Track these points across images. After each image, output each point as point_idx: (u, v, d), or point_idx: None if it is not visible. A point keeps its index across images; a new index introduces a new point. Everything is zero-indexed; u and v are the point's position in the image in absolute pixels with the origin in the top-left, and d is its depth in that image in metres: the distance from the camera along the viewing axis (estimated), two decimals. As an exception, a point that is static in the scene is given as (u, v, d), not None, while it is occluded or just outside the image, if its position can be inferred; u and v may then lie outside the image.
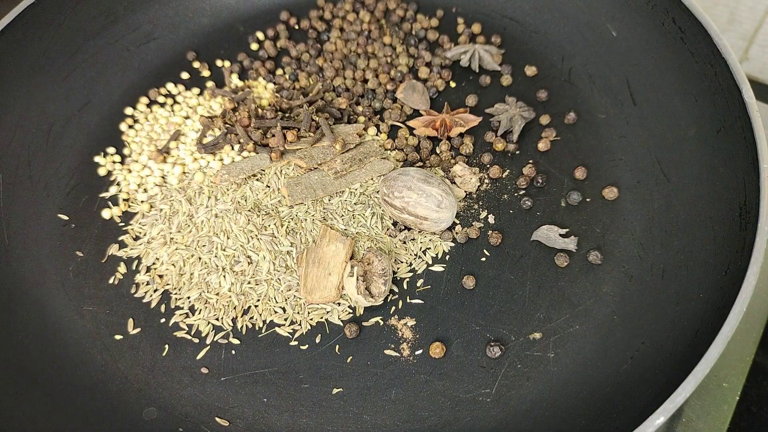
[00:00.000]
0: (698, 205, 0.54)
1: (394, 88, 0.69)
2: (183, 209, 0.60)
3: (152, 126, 0.68)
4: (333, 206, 0.60)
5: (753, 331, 0.57)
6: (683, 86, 0.59)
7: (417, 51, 0.72)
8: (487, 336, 0.54)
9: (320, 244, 0.56)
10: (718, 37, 0.55)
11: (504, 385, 0.51)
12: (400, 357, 0.53)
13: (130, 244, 0.61)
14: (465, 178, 0.61)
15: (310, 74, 0.71)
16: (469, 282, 0.56)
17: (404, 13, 0.75)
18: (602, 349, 0.51)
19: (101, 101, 0.70)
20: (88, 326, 0.56)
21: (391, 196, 0.56)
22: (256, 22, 0.77)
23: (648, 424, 0.40)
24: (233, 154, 0.63)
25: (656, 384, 0.45)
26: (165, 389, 0.53)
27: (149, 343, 0.55)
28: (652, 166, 0.59)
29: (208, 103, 0.69)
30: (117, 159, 0.66)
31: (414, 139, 0.65)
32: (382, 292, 0.53)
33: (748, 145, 0.50)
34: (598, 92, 0.66)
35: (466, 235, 0.58)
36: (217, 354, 0.54)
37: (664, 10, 0.60)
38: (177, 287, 0.57)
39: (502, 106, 0.65)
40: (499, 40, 0.71)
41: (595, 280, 0.55)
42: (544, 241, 0.57)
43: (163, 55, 0.75)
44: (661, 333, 0.49)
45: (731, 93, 0.53)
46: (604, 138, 0.63)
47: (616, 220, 0.58)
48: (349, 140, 0.62)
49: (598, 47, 0.67)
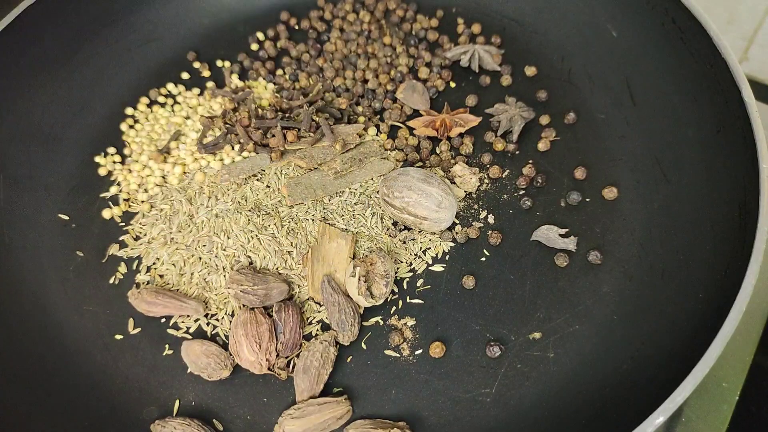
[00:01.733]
0: (698, 205, 0.54)
1: (394, 88, 0.69)
2: (183, 209, 0.61)
3: (153, 126, 0.68)
4: (333, 206, 0.60)
5: (752, 331, 0.57)
6: (683, 86, 0.59)
7: (417, 51, 0.72)
8: (487, 336, 0.54)
9: (321, 242, 0.56)
10: (718, 37, 0.55)
11: (504, 385, 0.51)
12: (400, 357, 0.53)
13: (130, 244, 0.61)
14: (465, 178, 0.61)
15: (310, 74, 0.71)
16: (469, 282, 0.56)
17: (404, 13, 0.75)
18: (602, 349, 0.51)
19: (101, 101, 0.70)
20: (88, 326, 0.57)
21: (391, 196, 0.56)
22: (257, 22, 0.77)
23: (648, 424, 0.40)
24: (233, 154, 0.63)
25: (656, 384, 0.45)
26: (165, 389, 0.53)
27: (149, 342, 0.55)
28: (651, 166, 0.59)
29: (208, 103, 0.69)
30: (117, 159, 0.66)
31: (414, 139, 0.65)
32: (383, 293, 0.53)
33: (748, 145, 0.50)
34: (598, 92, 0.66)
35: (466, 235, 0.58)
36: (217, 354, 0.55)
37: (664, 10, 0.60)
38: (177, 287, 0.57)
39: (502, 106, 0.65)
40: (499, 41, 0.72)
41: (595, 280, 0.55)
42: (544, 241, 0.57)
43: (164, 56, 0.75)
44: (661, 333, 0.49)
45: (731, 93, 0.53)
46: (604, 138, 0.63)
47: (615, 220, 0.58)
48: (349, 140, 0.62)
49: (598, 47, 0.67)
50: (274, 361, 0.51)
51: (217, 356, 0.52)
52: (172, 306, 0.55)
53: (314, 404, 0.49)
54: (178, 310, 0.55)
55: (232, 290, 0.53)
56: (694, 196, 0.55)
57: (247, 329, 0.51)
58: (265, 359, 0.50)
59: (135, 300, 0.55)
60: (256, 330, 0.51)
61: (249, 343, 0.50)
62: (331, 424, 0.49)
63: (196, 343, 0.53)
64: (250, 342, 0.50)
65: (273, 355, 0.51)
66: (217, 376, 0.52)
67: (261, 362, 0.50)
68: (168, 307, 0.55)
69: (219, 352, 0.52)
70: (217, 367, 0.51)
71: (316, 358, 0.51)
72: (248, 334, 0.51)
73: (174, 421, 0.50)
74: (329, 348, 0.52)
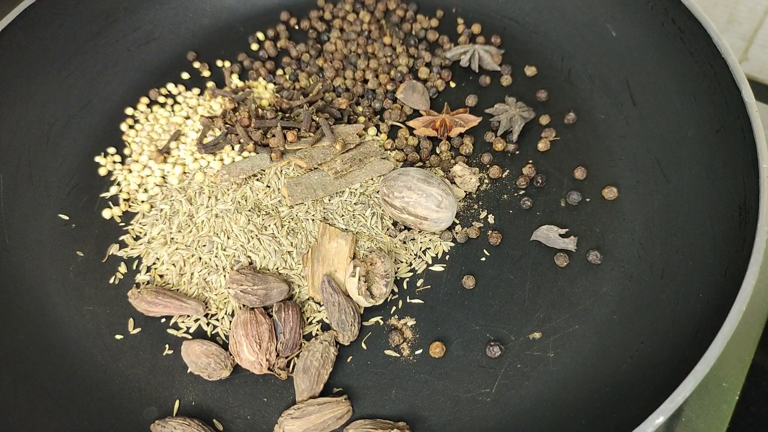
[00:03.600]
0: (698, 205, 0.54)
1: (394, 88, 0.69)
2: (183, 209, 0.61)
3: (153, 126, 0.68)
4: (333, 206, 0.60)
5: (753, 331, 0.57)
6: (683, 86, 0.59)
7: (417, 51, 0.72)
8: (487, 336, 0.54)
9: (321, 242, 0.56)
10: (718, 38, 0.55)
11: (504, 385, 0.51)
12: (400, 357, 0.53)
13: (130, 244, 0.61)
14: (465, 178, 0.61)
15: (310, 74, 0.71)
16: (469, 282, 0.56)
17: (404, 13, 0.75)
18: (602, 348, 0.51)
19: (101, 101, 0.70)
20: (88, 326, 0.57)
21: (391, 196, 0.56)
22: (257, 22, 0.77)
23: (648, 424, 0.40)
24: (233, 154, 0.63)
25: (656, 383, 0.45)
26: (165, 389, 0.53)
27: (150, 342, 0.55)
28: (651, 166, 0.59)
29: (208, 103, 0.69)
30: (117, 159, 0.66)
31: (414, 139, 0.65)
32: (383, 293, 0.53)
33: (748, 145, 0.50)
34: (598, 92, 0.66)
35: (466, 235, 0.58)
36: (217, 354, 0.55)
37: (663, 10, 0.60)
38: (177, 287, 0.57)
39: (501, 106, 0.65)
40: (499, 41, 0.72)
41: (595, 280, 0.55)
42: (543, 241, 0.57)
43: (164, 56, 0.75)
44: (660, 333, 0.49)
45: (731, 93, 0.53)
46: (603, 138, 0.63)
47: (615, 220, 0.58)
48: (349, 140, 0.62)
49: (598, 47, 0.67)
50: (274, 361, 0.51)
51: (217, 356, 0.52)
52: (172, 306, 0.55)
53: (314, 404, 0.49)
54: (178, 310, 0.55)
55: (232, 290, 0.53)
56: (694, 196, 0.55)
57: (247, 329, 0.51)
58: (265, 359, 0.50)
59: (135, 300, 0.55)
60: (256, 330, 0.51)
61: (249, 343, 0.50)
62: (331, 424, 0.49)
63: (196, 343, 0.53)
64: (250, 342, 0.50)
65: (273, 356, 0.51)
66: (217, 376, 0.52)
67: (261, 362, 0.50)
68: (168, 307, 0.55)
69: (219, 352, 0.52)
70: (217, 367, 0.51)
71: (316, 358, 0.51)
72: (248, 334, 0.51)
73: (174, 421, 0.50)
74: (329, 348, 0.52)
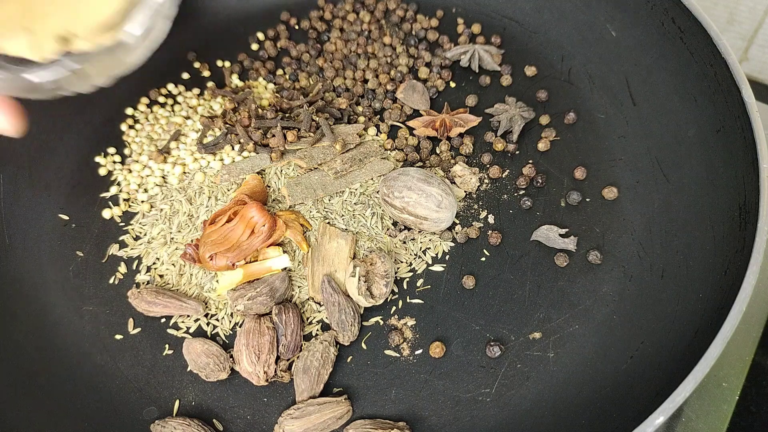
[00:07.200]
0: (698, 205, 0.54)
1: (394, 88, 0.69)
2: (183, 209, 0.61)
3: (153, 126, 0.68)
4: (333, 206, 0.60)
5: (753, 330, 0.57)
6: (683, 86, 0.59)
7: (417, 51, 0.72)
8: (487, 336, 0.54)
9: (322, 242, 0.56)
10: (718, 37, 0.55)
11: (504, 385, 0.51)
12: (400, 357, 0.53)
13: (130, 244, 0.61)
14: (465, 178, 0.61)
15: (310, 74, 0.71)
16: (469, 282, 0.56)
17: (404, 13, 0.75)
18: (602, 348, 0.51)
19: (101, 101, 0.70)
20: (88, 326, 0.57)
21: (391, 196, 0.56)
22: (257, 22, 0.77)
23: (648, 424, 0.40)
24: (233, 154, 0.63)
25: (656, 383, 0.45)
26: (165, 389, 0.53)
27: (149, 343, 0.55)
28: (651, 166, 0.59)
29: (208, 103, 0.69)
30: (117, 159, 0.66)
31: (414, 139, 0.65)
32: (383, 293, 0.53)
33: (748, 145, 0.50)
34: (598, 92, 0.66)
35: (466, 235, 0.58)
36: (217, 354, 0.55)
37: (663, 10, 0.60)
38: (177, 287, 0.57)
39: (501, 106, 0.65)
40: (498, 40, 0.72)
41: (595, 280, 0.55)
42: (543, 241, 0.57)
43: (164, 55, 0.74)
44: (660, 333, 0.49)
45: (731, 93, 0.53)
46: (603, 138, 0.63)
47: (615, 220, 0.58)
48: (349, 140, 0.62)
49: (597, 47, 0.67)
50: (272, 373, 0.51)
51: (216, 357, 0.52)
52: (172, 306, 0.55)
53: (314, 404, 0.49)
54: (178, 310, 0.55)
55: (240, 307, 0.53)
56: (694, 196, 0.55)
57: (249, 339, 0.51)
58: (263, 371, 0.50)
59: (135, 300, 0.55)
60: (257, 341, 0.51)
61: (248, 354, 0.50)
62: (331, 424, 0.49)
63: (197, 342, 0.53)
64: (249, 353, 0.50)
65: (271, 368, 0.51)
66: (215, 377, 0.52)
67: (258, 374, 0.50)
68: (168, 307, 0.55)
69: (219, 353, 0.52)
70: (215, 368, 0.51)
71: (316, 358, 0.51)
72: (249, 345, 0.51)
73: (174, 421, 0.50)
74: (329, 348, 0.52)
